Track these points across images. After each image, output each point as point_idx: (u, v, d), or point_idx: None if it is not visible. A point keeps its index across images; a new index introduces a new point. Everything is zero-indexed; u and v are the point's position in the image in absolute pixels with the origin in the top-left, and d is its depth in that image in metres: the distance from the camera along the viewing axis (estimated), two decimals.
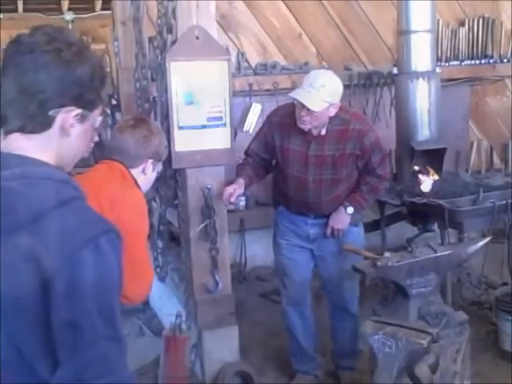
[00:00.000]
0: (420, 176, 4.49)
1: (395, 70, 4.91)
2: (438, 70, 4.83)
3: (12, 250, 1.22)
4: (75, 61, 1.32)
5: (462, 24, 5.92)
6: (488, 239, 3.41)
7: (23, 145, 1.34)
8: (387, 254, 3.13)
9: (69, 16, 9.96)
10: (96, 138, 1.51)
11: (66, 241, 1.23)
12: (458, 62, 5.84)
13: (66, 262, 1.22)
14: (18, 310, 1.23)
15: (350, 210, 3.40)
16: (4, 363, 1.27)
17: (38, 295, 1.22)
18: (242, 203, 5.03)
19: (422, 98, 4.71)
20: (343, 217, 3.41)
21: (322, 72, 3.27)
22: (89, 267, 1.23)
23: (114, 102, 5.57)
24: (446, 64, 5.74)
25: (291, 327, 3.70)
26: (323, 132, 3.27)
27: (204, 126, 3.57)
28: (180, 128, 3.54)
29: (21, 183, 1.27)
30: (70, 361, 1.24)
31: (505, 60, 6.00)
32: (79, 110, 1.35)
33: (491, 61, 5.94)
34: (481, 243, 3.31)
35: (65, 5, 10.10)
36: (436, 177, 4.49)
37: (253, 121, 5.24)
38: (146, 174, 2.52)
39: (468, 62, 5.88)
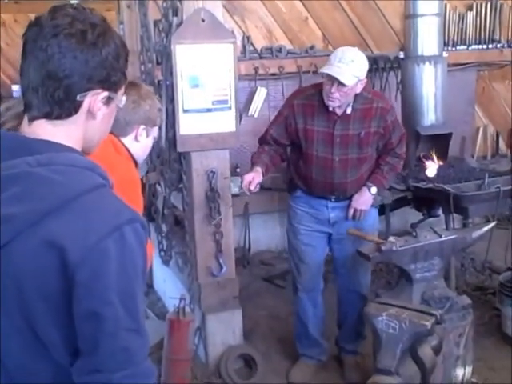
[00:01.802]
0: (425, 161, 4.48)
1: (402, 55, 4.88)
2: (444, 54, 4.80)
3: (36, 237, 1.20)
4: (100, 42, 1.28)
5: (470, 8, 5.87)
6: (493, 224, 3.41)
7: (49, 131, 1.30)
8: (392, 239, 3.13)
9: None
10: None
11: (90, 229, 1.21)
12: (465, 47, 5.80)
13: (89, 251, 1.19)
14: (40, 296, 1.21)
15: (374, 190, 3.42)
16: (22, 348, 1.26)
17: (61, 283, 1.20)
18: None
19: (428, 82, 4.69)
20: (367, 197, 3.43)
21: (349, 48, 3.26)
22: (112, 256, 1.21)
23: None
24: (453, 48, 5.70)
25: (302, 314, 3.66)
26: (349, 111, 3.28)
27: (209, 110, 3.56)
28: (185, 111, 3.53)
29: (46, 169, 1.24)
30: (90, 351, 1.23)
31: None
32: (106, 93, 1.32)
33: (499, 45, 5.90)
34: (485, 228, 3.32)
35: None
36: (441, 162, 4.48)
37: (258, 105, 5.23)
38: (139, 141, 2.40)
39: (475, 46, 5.83)
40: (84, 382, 1.24)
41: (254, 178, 3.23)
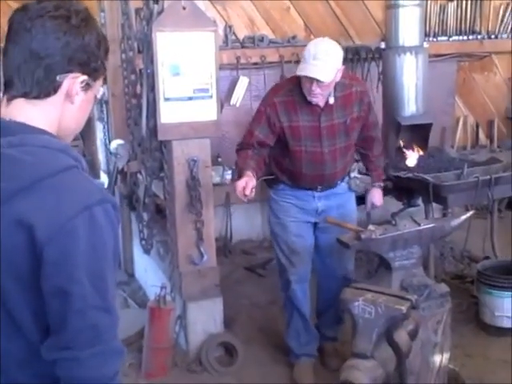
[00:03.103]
0: (406, 151, 4.51)
1: (383, 45, 4.90)
2: (425, 45, 4.82)
3: (6, 216, 1.22)
4: (83, 27, 1.33)
5: None
6: (471, 213, 3.45)
7: (26, 111, 1.33)
8: (371, 227, 3.15)
9: None
10: None
11: (59, 209, 1.23)
12: (445, 38, 5.84)
13: (58, 230, 1.22)
14: (10, 275, 1.24)
15: (381, 185, 3.72)
16: None
17: (31, 261, 1.23)
18: (229, 177, 5.04)
19: (409, 72, 4.70)
20: (381, 195, 3.70)
21: (319, 41, 3.20)
22: (81, 236, 1.23)
23: None
24: (434, 39, 5.74)
25: (300, 307, 3.55)
26: (331, 101, 3.25)
27: (190, 98, 3.55)
28: (166, 99, 3.52)
29: (18, 150, 1.27)
30: (59, 329, 1.25)
31: (492, 36, 6.01)
32: (85, 77, 1.36)
33: (479, 37, 5.94)
34: (464, 217, 3.35)
35: None
36: (421, 152, 4.51)
37: (240, 94, 5.22)
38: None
39: (456, 37, 5.87)
40: (53, 359, 1.27)
41: (247, 182, 3.08)
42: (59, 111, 1.36)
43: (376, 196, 3.67)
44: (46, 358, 1.27)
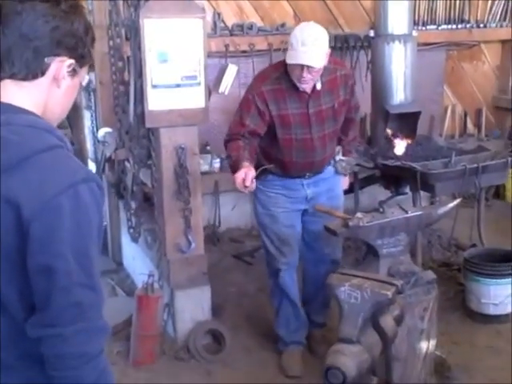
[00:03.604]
0: (394, 139, 4.51)
1: (372, 33, 4.89)
2: (414, 33, 4.82)
3: None
4: (72, 13, 1.36)
5: None
6: (458, 201, 3.47)
7: (13, 92, 1.35)
8: (359, 215, 3.15)
9: None
10: None
11: (44, 187, 1.24)
12: (434, 27, 5.83)
13: (43, 207, 1.23)
14: (0, 254, 1.25)
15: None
16: None
17: (16, 239, 1.24)
18: (217, 165, 5.03)
19: (398, 61, 4.72)
20: (347, 179, 3.79)
21: (305, 26, 3.16)
22: (66, 213, 1.24)
23: None
24: (423, 28, 5.73)
25: (289, 293, 3.55)
26: (318, 86, 3.24)
27: (178, 85, 3.53)
28: (153, 87, 3.50)
29: (5, 130, 1.29)
30: (44, 306, 1.26)
31: (481, 25, 6.01)
32: (72, 61, 1.38)
33: (468, 25, 5.94)
34: (451, 204, 3.37)
35: None
36: (409, 140, 4.52)
37: (228, 82, 5.20)
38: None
39: (445, 26, 5.87)
40: (37, 336, 1.28)
41: (247, 173, 2.98)
42: (45, 94, 1.38)
43: (343, 180, 3.72)
44: (31, 336, 1.28)
